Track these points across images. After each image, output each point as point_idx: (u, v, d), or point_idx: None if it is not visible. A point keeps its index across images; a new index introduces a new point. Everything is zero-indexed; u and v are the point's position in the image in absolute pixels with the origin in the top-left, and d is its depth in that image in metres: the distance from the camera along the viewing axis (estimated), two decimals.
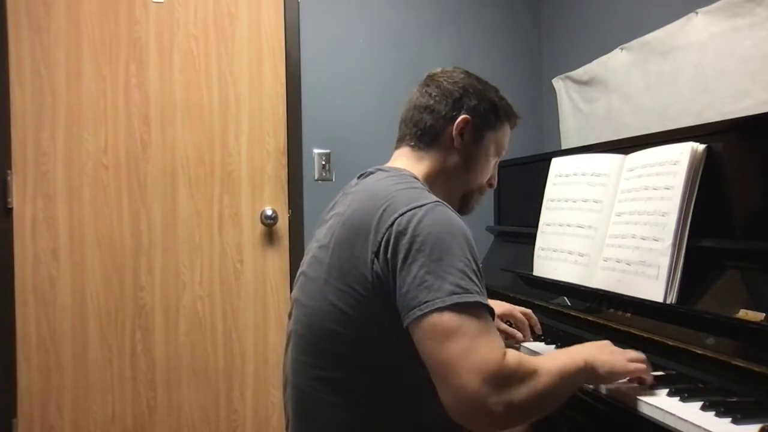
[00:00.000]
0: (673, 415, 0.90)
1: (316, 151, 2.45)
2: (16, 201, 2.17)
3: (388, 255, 0.93)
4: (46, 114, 2.20)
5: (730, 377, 1.00)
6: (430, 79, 1.18)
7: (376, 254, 0.94)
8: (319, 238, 1.09)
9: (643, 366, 1.03)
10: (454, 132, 1.13)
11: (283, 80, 2.39)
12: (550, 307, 1.55)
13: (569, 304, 1.49)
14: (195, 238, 2.32)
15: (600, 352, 1.01)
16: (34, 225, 2.19)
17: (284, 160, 2.40)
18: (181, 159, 2.31)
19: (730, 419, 0.87)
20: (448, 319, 0.87)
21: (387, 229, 0.94)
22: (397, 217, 0.94)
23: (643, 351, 1.19)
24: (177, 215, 2.30)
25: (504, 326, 1.40)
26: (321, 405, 1.01)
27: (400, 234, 0.93)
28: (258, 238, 2.38)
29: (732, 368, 1.00)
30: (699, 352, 1.07)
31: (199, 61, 2.32)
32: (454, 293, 0.88)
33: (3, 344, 2.14)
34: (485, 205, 2.32)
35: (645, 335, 1.20)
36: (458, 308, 0.88)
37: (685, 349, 1.10)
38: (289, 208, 2.40)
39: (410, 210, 0.95)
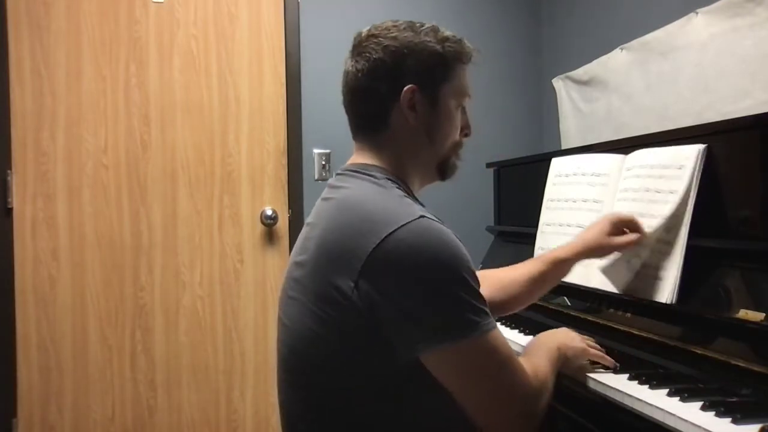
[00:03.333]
0: (673, 415, 0.90)
1: (316, 151, 2.45)
2: (16, 201, 2.17)
3: (374, 285, 0.85)
4: (46, 114, 2.20)
5: (730, 377, 1.00)
6: (357, 49, 1.02)
7: (356, 283, 0.85)
8: (297, 249, 1.02)
9: (599, 352, 1.14)
10: (404, 109, 0.98)
11: (283, 80, 2.39)
12: (550, 307, 1.55)
13: (569, 304, 1.49)
14: (195, 238, 2.32)
15: (565, 338, 1.11)
16: (34, 225, 2.19)
17: (284, 160, 2.40)
18: (181, 159, 2.31)
19: (730, 419, 0.87)
20: (468, 354, 0.86)
21: (368, 255, 0.85)
22: (379, 242, 0.85)
23: (643, 351, 1.20)
24: (177, 215, 2.30)
25: (622, 239, 1.21)
26: (307, 424, 0.99)
27: (388, 263, 0.85)
28: (258, 238, 2.38)
29: (732, 368, 1.00)
30: (699, 352, 1.07)
31: (199, 61, 2.32)
32: (463, 328, 0.85)
33: (3, 344, 2.14)
34: (485, 205, 2.34)
35: (645, 335, 1.20)
36: (471, 341, 0.85)
37: (685, 349, 1.10)
38: (289, 208, 2.40)
39: (393, 232, 0.85)
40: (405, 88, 0.97)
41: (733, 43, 1.64)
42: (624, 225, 1.23)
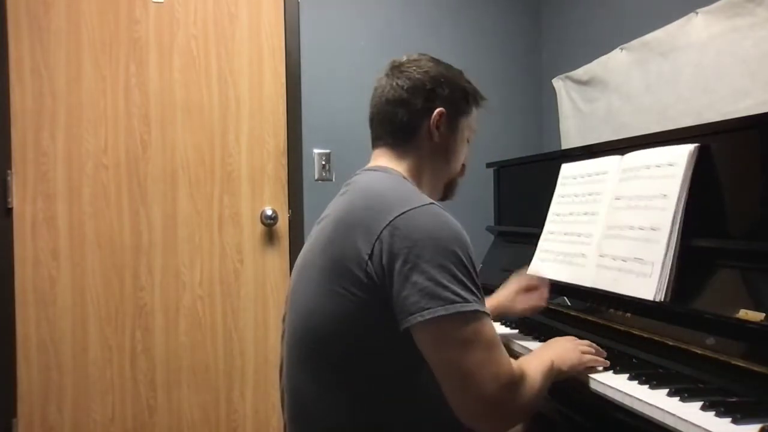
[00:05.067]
0: (673, 415, 0.90)
1: (316, 151, 2.45)
2: (16, 201, 2.17)
3: (384, 257, 0.93)
4: (46, 114, 2.20)
5: (730, 377, 1.00)
6: (398, 70, 1.15)
7: (371, 256, 0.94)
8: (311, 240, 1.10)
9: (594, 357, 1.15)
10: (431, 126, 1.12)
11: (283, 80, 2.39)
12: (550, 307, 1.55)
13: (569, 304, 1.49)
14: (195, 238, 2.32)
15: (561, 351, 1.12)
16: (34, 225, 2.19)
17: (284, 160, 2.40)
18: (181, 159, 2.31)
19: (730, 419, 0.87)
20: (455, 328, 0.90)
21: (382, 230, 0.94)
22: (392, 219, 0.94)
23: (643, 351, 1.20)
24: (177, 215, 2.30)
25: (523, 304, 1.44)
26: (317, 406, 1.02)
27: (397, 237, 0.92)
28: (258, 238, 2.38)
29: (732, 368, 1.00)
30: (699, 352, 1.07)
31: (199, 61, 2.32)
32: (456, 302, 0.89)
33: (3, 344, 2.14)
34: (485, 205, 2.34)
35: (645, 335, 1.20)
36: (462, 317, 0.90)
37: (685, 349, 1.10)
38: (289, 208, 2.40)
39: (405, 212, 0.94)
40: (436, 109, 1.12)
41: (733, 43, 1.64)
42: (530, 287, 1.44)
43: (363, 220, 0.97)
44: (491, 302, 1.40)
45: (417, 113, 1.12)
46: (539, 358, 1.07)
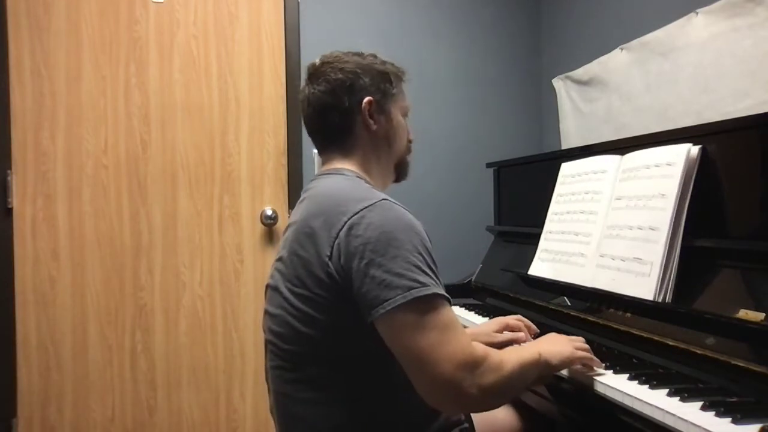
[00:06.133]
0: (673, 415, 0.90)
1: (316, 151, 2.45)
2: (16, 201, 2.17)
3: (342, 258, 0.96)
4: (46, 114, 2.20)
5: (730, 377, 1.00)
6: (315, 76, 1.17)
7: (330, 257, 0.98)
8: (280, 250, 1.13)
9: (587, 354, 1.13)
10: (365, 117, 1.15)
11: (283, 80, 2.39)
12: (550, 307, 1.55)
13: (569, 304, 1.49)
14: (195, 238, 2.32)
15: (550, 344, 1.11)
16: (34, 225, 2.19)
17: (284, 160, 2.40)
18: (181, 159, 2.31)
19: (730, 419, 0.87)
20: (413, 313, 0.92)
21: (338, 232, 0.98)
22: (347, 220, 0.98)
23: (643, 351, 1.20)
24: (177, 215, 2.30)
25: (503, 336, 1.39)
26: (304, 406, 1.04)
27: (353, 236, 0.96)
28: (258, 238, 2.38)
29: (732, 368, 1.00)
30: (699, 352, 1.07)
31: (199, 61, 2.32)
32: (413, 288, 0.92)
33: (3, 344, 2.14)
34: (485, 205, 2.34)
35: (645, 335, 1.20)
36: (420, 302, 0.92)
37: (685, 349, 1.10)
38: (289, 208, 2.40)
39: (359, 212, 0.98)
40: (365, 100, 1.14)
41: (733, 43, 1.64)
42: (508, 328, 1.41)
43: (319, 224, 1.01)
44: (470, 332, 1.38)
45: (347, 111, 1.14)
46: (524, 348, 1.09)
